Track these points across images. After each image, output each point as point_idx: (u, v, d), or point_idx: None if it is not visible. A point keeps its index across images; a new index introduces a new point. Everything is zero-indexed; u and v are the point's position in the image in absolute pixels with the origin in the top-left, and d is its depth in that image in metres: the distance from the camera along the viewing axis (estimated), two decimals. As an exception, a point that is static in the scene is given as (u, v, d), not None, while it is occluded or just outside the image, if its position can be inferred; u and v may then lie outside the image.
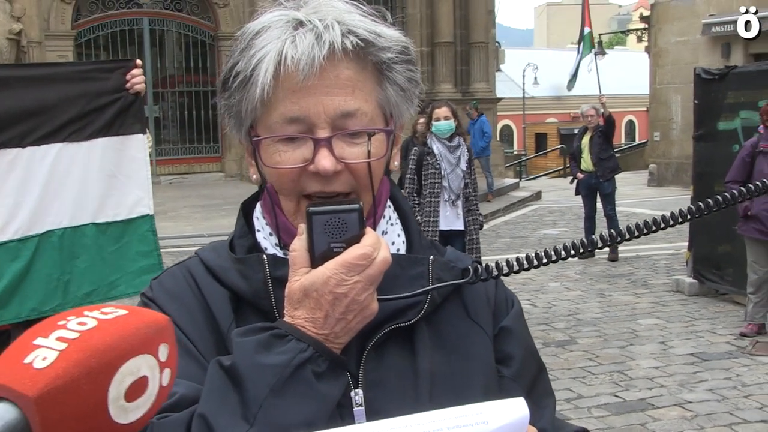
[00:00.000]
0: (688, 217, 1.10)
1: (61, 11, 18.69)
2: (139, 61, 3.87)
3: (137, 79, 3.77)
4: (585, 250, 1.11)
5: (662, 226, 1.11)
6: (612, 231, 1.13)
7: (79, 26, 19.27)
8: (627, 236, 1.11)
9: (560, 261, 1.13)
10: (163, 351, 0.72)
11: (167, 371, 0.73)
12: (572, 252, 1.12)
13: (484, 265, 1.18)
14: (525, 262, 1.14)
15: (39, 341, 0.67)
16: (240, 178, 20.06)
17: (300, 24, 1.07)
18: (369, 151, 1.09)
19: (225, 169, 20.97)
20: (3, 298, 3.50)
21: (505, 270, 1.15)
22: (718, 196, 1.11)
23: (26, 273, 3.58)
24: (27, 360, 0.65)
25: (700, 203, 1.11)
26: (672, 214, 1.10)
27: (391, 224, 1.22)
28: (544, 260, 1.12)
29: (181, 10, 20.44)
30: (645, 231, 1.10)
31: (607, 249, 11.31)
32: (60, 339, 0.67)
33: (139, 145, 3.85)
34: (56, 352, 0.65)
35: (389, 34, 1.11)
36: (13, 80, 3.67)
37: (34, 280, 3.60)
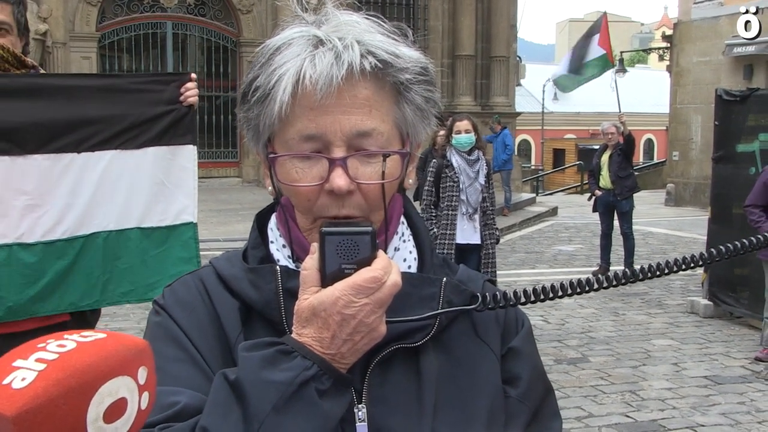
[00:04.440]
0: (707, 260, 1.11)
1: (87, 13, 18.89)
2: (194, 75, 3.99)
3: (191, 92, 3.88)
4: (591, 289, 1.11)
5: (684, 267, 1.11)
6: (634, 269, 1.12)
7: (103, 28, 19.44)
8: (648, 275, 1.11)
9: (567, 297, 1.13)
10: (143, 374, 0.71)
11: (146, 395, 0.72)
12: (579, 289, 1.11)
13: (492, 294, 1.18)
14: (537, 293, 1.14)
15: (18, 363, 0.67)
16: (257, 183, 20.14)
17: (320, 42, 1.07)
18: (383, 172, 1.09)
19: (242, 174, 21.06)
20: (44, 293, 3.61)
21: (512, 301, 1.15)
22: (744, 241, 1.10)
23: (69, 271, 3.68)
24: (5, 381, 0.65)
25: (721, 247, 1.11)
26: (703, 253, 1.11)
27: (404, 240, 1.22)
28: (560, 293, 1.12)
29: (204, 15, 20.60)
30: (675, 269, 1.10)
31: (622, 265, 11.24)
32: (39, 360, 0.66)
33: (188, 156, 3.96)
34: (35, 372, 0.65)
35: (408, 55, 1.11)
36: (75, 90, 3.79)
37: (75, 277, 3.71)
